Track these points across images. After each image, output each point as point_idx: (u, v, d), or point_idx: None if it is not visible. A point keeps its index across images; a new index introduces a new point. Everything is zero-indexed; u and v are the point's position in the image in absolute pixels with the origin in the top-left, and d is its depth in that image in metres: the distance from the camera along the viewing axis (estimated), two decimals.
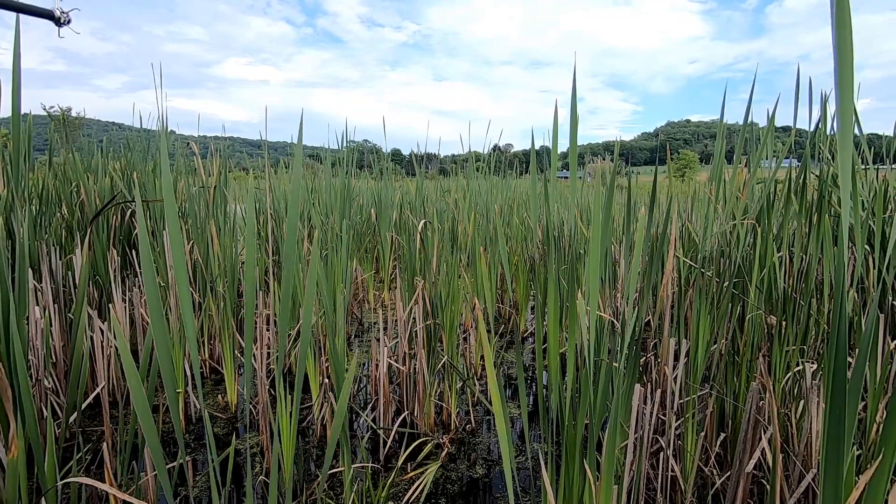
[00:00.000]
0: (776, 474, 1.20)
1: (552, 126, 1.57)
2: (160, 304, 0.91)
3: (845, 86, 0.56)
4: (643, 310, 1.42)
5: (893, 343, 1.62)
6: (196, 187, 2.80)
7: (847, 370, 0.62)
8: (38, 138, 19.70)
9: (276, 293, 2.52)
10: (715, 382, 1.76)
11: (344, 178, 3.49)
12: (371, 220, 4.36)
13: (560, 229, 2.44)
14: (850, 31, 0.55)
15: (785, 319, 1.72)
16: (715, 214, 2.13)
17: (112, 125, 21.30)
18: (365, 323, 3.63)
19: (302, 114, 1.19)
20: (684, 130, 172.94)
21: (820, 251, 1.78)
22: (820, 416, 1.32)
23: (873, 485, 0.65)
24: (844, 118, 0.58)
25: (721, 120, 2.12)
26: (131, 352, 2.68)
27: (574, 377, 1.25)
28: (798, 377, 1.60)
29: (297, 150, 1.00)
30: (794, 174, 2.00)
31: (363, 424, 2.26)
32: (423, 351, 2.13)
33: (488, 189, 4.14)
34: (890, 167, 2.78)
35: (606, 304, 2.31)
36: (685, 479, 1.59)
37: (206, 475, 1.84)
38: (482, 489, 1.83)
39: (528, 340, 3.40)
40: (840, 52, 0.56)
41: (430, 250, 2.56)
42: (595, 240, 1.05)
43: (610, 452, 1.05)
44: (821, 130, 2.08)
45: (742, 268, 1.87)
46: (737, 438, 1.55)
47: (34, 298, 2.19)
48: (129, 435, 1.44)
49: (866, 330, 0.71)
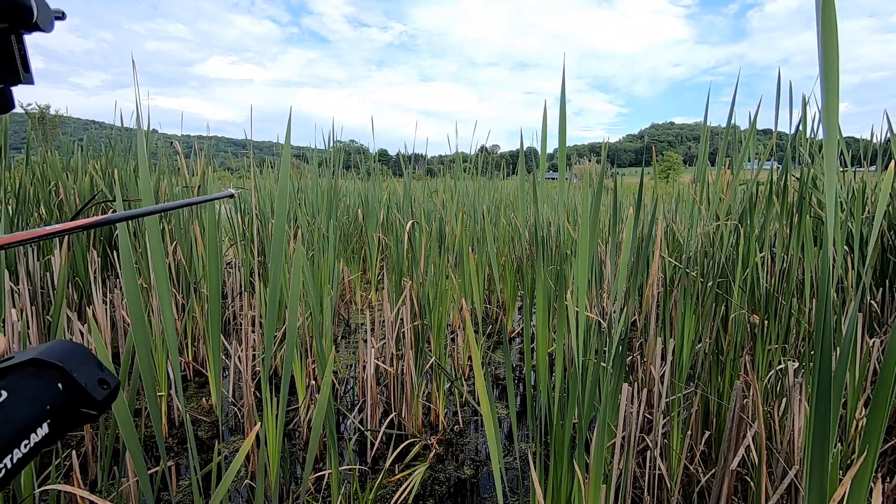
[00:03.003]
0: (761, 472, 1.22)
1: (540, 127, 1.57)
2: (141, 306, 0.89)
3: (831, 91, 0.57)
4: (630, 310, 1.43)
5: (872, 341, 1.66)
6: (179, 187, 2.75)
7: (831, 372, 0.63)
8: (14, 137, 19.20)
9: (261, 294, 2.49)
10: (700, 381, 1.78)
11: (331, 179, 3.46)
12: (358, 221, 4.33)
13: (547, 230, 2.45)
14: (836, 40, 0.56)
15: (767, 318, 1.75)
16: (699, 215, 2.16)
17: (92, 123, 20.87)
18: (352, 324, 3.61)
19: (290, 112, 1.18)
20: (668, 132, 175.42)
21: (801, 251, 1.81)
22: (802, 414, 1.34)
23: (856, 481, 0.66)
24: (830, 129, 0.59)
25: (705, 123, 2.15)
26: (113, 354, 2.62)
27: (562, 377, 1.25)
28: (780, 375, 1.63)
29: (285, 149, 0.99)
30: (776, 176, 2.04)
31: (350, 426, 2.24)
32: (410, 352, 2.12)
33: (476, 190, 4.15)
34: (867, 169, 2.85)
35: (593, 304, 2.33)
36: (671, 477, 1.61)
37: (187, 479, 1.81)
38: (470, 490, 1.83)
39: (515, 341, 3.41)
40: (825, 58, 0.57)
41: (417, 251, 2.55)
42: (583, 243, 1.06)
43: (599, 451, 1.05)
44: (801, 133, 2.12)
45: (726, 268, 1.90)
46: (721, 436, 1.57)
47: (10, 300, 2.13)
48: (109, 440, 1.41)
49: (847, 332, 0.72)
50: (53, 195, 3.13)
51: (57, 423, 0.24)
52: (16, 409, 0.22)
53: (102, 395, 0.25)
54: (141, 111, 2.27)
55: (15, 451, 0.21)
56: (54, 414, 0.23)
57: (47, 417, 0.23)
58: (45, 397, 0.23)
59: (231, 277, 3.06)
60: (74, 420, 0.25)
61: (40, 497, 1.46)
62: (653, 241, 1.80)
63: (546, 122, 1.56)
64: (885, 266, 2.24)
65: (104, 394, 0.25)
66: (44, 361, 0.24)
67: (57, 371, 0.24)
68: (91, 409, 0.25)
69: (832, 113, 0.59)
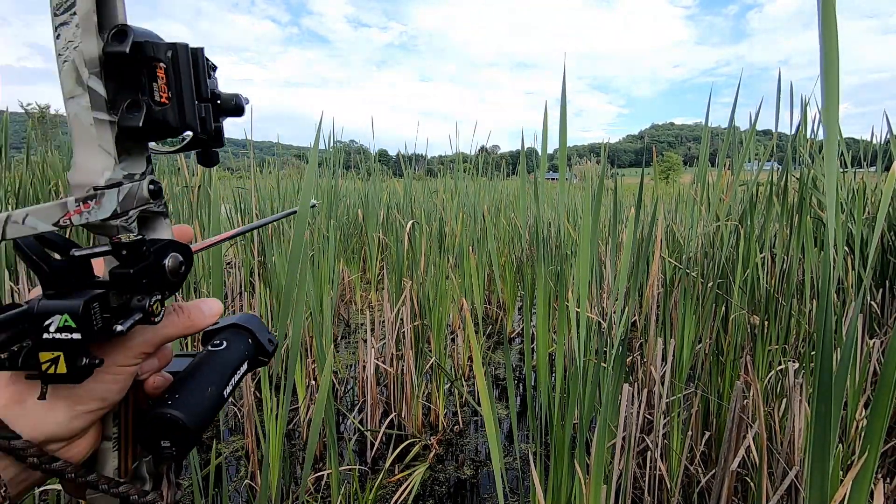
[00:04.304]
0: (762, 472, 1.22)
1: (539, 127, 1.58)
2: None
3: (831, 92, 0.57)
4: (630, 310, 1.44)
5: (872, 342, 1.66)
6: (179, 187, 2.75)
7: (832, 375, 0.63)
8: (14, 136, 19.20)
9: (261, 294, 2.49)
10: (700, 382, 1.78)
11: (331, 179, 3.46)
12: (358, 221, 4.33)
13: (548, 230, 2.45)
14: (836, 41, 0.56)
15: (767, 319, 1.75)
16: (699, 216, 2.16)
17: None
18: (352, 324, 3.61)
19: (321, 119, 1.18)
20: (668, 133, 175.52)
21: (801, 252, 1.82)
22: (803, 414, 1.35)
23: (857, 482, 0.66)
24: (830, 130, 0.59)
25: (706, 124, 2.15)
26: None
27: (563, 377, 1.25)
28: (780, 375, 1.63)
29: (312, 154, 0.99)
30: (776, 177, 2.04)
31: (350, 426, 2.24)
32: (410, 352, 2.12)
33: (476, 190, 4.15)
34: (867, 170, 2.85)
35: (593, 304, 2.33)
36: (671, 477, 1.61)
37: (188, 480, 1.81)
38: (470, 490, 1.83)
39: (514, 341, 3.41)
40: (826, 59, 0.57)
41: (417, 251, 2.55)
42: (584, 244, 1.06)
43: (600, 452, 1.05)
44: (801, 134, 2.13)
45: (726, 268, 1.90)
46: (721, 437, 1.57)
47: (10, 300, 2.12)
48: None
49: (848, 333, 0.72)
50: (53, 195, 3.12)
51: (249, 365, 0.37)
52: (231, 353, 0.35)
53: (271, 349, 0.38)
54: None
55: (232, 378, 0.34)
56: (248, 359, 0.37)
57: (245, 360, 0.36)
58: (244, 348, 0.36)
59: (231, 277, 3.06)
60: (256, 364, 0.38)
61: (40, 497, 1.46)
62: (653, 241, 1.80)
63: (547, 123, 1.56)
64: (884, 267, 2.24)
65: (272, 348, 0.38)
66: (240, 325, 0.38)
67: (247, 332, 0.37)
68: (265, 357, 0.38)
69: (833, 114, 0.59)
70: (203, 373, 0.33)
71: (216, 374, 0.34)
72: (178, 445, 0.31)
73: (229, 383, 0.34)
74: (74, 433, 0.29)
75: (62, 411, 0.28)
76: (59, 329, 0.26)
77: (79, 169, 0.29)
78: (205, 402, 0.32)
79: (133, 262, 0.28)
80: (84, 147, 0.28)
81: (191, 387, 0.32)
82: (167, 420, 0.30)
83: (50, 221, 0.26)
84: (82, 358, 0.27)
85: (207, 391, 0.32)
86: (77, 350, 0.26)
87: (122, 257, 0.28)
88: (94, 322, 0.27)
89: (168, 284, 0.30)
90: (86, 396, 0.29)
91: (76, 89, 0.28)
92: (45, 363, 0.26)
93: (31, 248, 0.27)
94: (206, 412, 0.32)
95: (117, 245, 0.27)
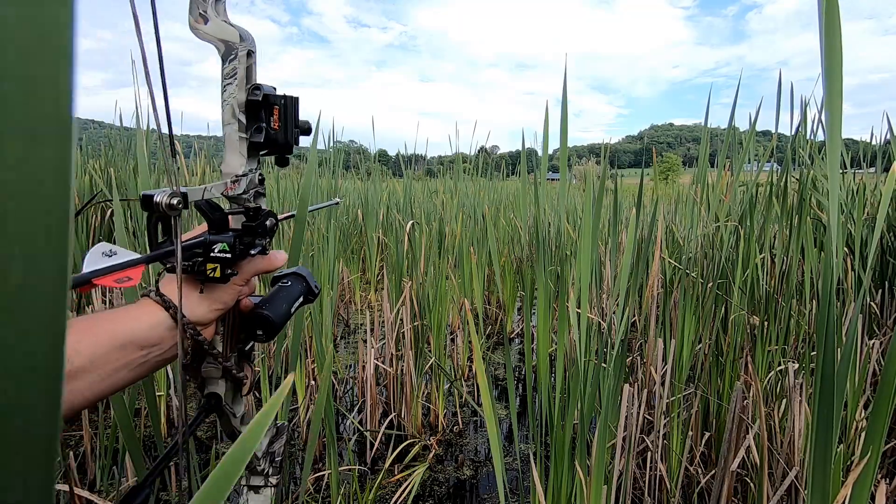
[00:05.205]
0: (762, 473, 1.22)
1: (539, 128, 1.58)
2: None
3: (833, 92, 0.57)
4: (630, 310, 1.44)
5: (871, 342, 1.66)
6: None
7: (834, 376, 0.63)
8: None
9: (261, 294, 2.48)
10: (700, 382, 1.78)
11: (330, 179, 3.46)
12: (358, 221, 4.33)
13: (547, 231, 2.45)
14: (840, 42, 0.56)
15: (767, 319, 1.75)
16: (699, 217, 2.16)
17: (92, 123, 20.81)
18: (352, 324, 3.61)
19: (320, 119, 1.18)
20: (668, 134, 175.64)
21: (800, 253, 1.82)
22: (803, 415, 1.35)
23: (859, 482, 0.66)
24: (832, 131, 0.59)
25: (705, 124, 2.15)
26: None
27: (563, 377, 1.25)
28: (780, 376, 1.63)
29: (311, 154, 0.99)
30: (776, 178, 2.04)
31: (350, 427, 2.24)
32: (410, 352, 2.12)
33: (476, 190, 4.15)
34: (866, 171, 2.85)
35: (593, 304, 2.33)
36: (671, 478, 1.61)
37: (188, 480, 1.81)
38: (469, 490, 1.83)
39: (514, 341, 3.41)
40: (828, 60, 0.57)
41: (417, 251, 2.55)
42: (585, 245, 1.06)
43: (600, 452, 1.05)
44: (801, 135, 2.13)
45: (726, 269, 1.90)
46: (721, 437, 1.57)
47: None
48: (109, 440, 1.40)
49: (848, 334, 0.72)
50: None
51: (304, 299, 0.55)
52: (294, 288, 0.54)
53: (317, 292, 0.57)
54: (140, 111, 2.25)
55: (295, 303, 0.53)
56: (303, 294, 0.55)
57: (302, 294, 0.55)
58: (301, 287, 0.55)
59: None
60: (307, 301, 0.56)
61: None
62: (653, 242, 1.80)
63: (547, 123, 1.56)
64: (884, 267, 2.24)
65: (318, 291, 0.57)
66: (299, 273, 0.56)
67: (302, 278, 0.56)
68: (312, 297, 0.56)
69: (835, 115, 0.59)
70: (280, 296, 0.52)
71: (288, 296, 0.53)
72: (267, 333, 0.50)
73: (294, 305, 0.53)
74: (210, 321, 0.48)
75: (206, 305, 0.46)
76: (220, 251, 0.45)
77: (228, 165, 0.48)
78: (282, 311, 0.51)
79: (255, 220, 0.49)
80: (231, 152, 0.48)
81: (275, 302, 0.51)
82: (263, 317, 0.49)
83: (219, 192, 0.47)
84: (228, 268, 0.46)
85: (283, 306, 0.51)
86: (227, 264, 0.46)
87: (249, 216, 0.49)
88: (237, 249, 0.46)
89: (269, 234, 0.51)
90: (218, 300, 0.47)
91: (231, 120, 0.47)
92: (210, 270, 0.46)
93: (203, 207, 0.46)
94: (282, 316, 0.50)
95: (248, 209, 0.49)
